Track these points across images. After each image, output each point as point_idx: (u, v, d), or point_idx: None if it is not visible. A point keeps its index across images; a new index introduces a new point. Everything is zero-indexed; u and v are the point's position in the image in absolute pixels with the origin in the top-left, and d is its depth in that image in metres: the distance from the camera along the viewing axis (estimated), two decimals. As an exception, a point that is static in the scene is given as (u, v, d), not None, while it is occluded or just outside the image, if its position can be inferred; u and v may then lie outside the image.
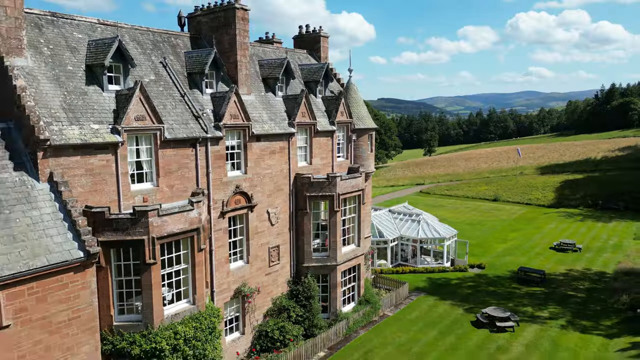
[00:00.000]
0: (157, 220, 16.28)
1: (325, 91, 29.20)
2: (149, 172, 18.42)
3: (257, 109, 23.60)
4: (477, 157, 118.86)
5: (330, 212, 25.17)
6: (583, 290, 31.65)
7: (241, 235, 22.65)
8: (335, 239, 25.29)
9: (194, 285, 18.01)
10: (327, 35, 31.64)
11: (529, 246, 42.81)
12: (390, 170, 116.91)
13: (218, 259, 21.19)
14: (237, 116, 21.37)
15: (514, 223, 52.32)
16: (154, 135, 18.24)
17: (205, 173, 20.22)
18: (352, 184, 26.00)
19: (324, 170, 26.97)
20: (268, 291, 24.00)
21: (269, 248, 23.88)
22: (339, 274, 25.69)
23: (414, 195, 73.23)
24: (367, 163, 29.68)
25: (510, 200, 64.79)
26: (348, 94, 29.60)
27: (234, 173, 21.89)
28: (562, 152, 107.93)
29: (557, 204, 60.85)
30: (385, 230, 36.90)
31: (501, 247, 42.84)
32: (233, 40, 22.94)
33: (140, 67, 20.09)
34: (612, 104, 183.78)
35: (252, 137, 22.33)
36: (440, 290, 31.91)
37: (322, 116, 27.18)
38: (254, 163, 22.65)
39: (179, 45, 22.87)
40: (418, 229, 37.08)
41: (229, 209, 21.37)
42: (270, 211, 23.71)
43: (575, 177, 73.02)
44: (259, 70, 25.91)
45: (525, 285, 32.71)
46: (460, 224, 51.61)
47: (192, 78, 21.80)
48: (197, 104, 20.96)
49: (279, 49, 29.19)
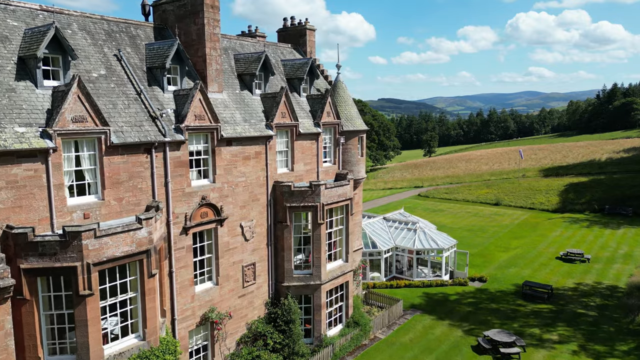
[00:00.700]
0: (93, 242, 13.51)
1: (311, 89, 26.41)
2: (92, 183, 15.64)
3: (229, 109, 20.82)
4: (478, 159, 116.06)
5: (313, 225, 22.38)
6: (594, 307, 28.85)
7: (209, 253, 19.86)
8: (319, 255, 22.49)
9: (145, 317, 15.22)
10: (314, 28, 28.85)
11: (534, 256, 40.00)
12: (388, 172, 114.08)
13: (180, 281, 18.40)
14: (203, 117, 18.57)
15: (517, 229, 49.50)
16: (98, 140, 15.45)
17: (163, 183, 17.43)
18: (338, 193, 23.21)
19: (308, 177, 24.19)
20: (242, 315, 21.20)
21: (243, 266, 21.08)
22: (323, 294, 22.89)
23: (412, 198, 70.40)
24: (357, 169, 26.90)
25: (513, 204, 61.93)
26: (336, 92, 26.82)
27: (199, 182, 19.08)
28: (564, 154, 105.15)
29: (562, 208, 57.96)
30: (379, 240, 34.10)
31: (504, 256, 40.03)
32: (201, 30, 20.15)
33: (88, 60, 17.30)
34: (614, 104, 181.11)
35: (222, 140, 19.53)
36: (437, 308, 29.09)
37: (306, 117, 24.40)
38: (224, 170, 19.86)
39: (140, 37, 20.08)
40: (414, 239, 34.27)
41: (194, 224, 18.57)
42: (244, 225, 20.92)
43: (580, 180, 70.15)
44: (235, 66, 23.14)
45: (531, 301, 29.90)
46: (459, 231, 48.86)
47: (152, 73, 19.02)
48: (156, 103, 18.18)
49: (259, 43, 26.41)
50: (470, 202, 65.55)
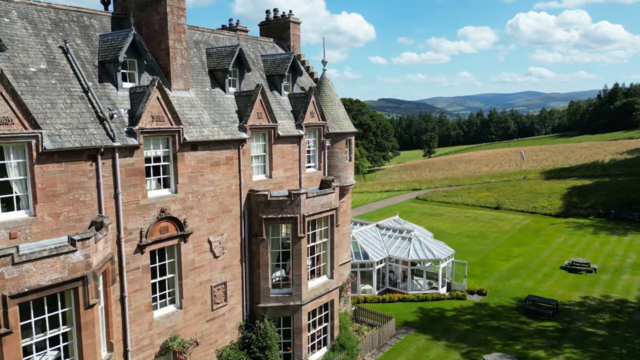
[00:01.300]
0: (10, 270, 11.16)
1: (294, 88, 24.06)
2: (22, 196, 13.28)
3: (196, 109, 18.45)
4: (478, 160, 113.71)
5: (293, 239, 20.01)
6: (603, 325, 26.47)
7: (171, 273, 17.48)
8: (299, 273, 20.12)
9: (81, 355, 12.85)
10: (299, 22, 26.48)
11: (537, 265, 37.63)
12: (386, 174, 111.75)
13: (135, 307, 16.03)
14: (162, 118, 16.21)
15: (519, 235, 47.13)
16: (28, 145, 13.09)
17: (112, 194, 15.06)
18: (322, 202, 20.84)
19: (289, 184, 21.83)
20: (211, 341, 18.83)
21: (212, 287, 18.71)
22: (304, 316, 20.52)
23: (409, 202, 68.05)
24: (345, 174, 24.54)
25: (514, 208, 59.53)
26: (321, 91, 24.47)
27: (159, 193, 16.70)
28: (566, 155, 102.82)
29: (565, 212, 55.61)
30: (371, 249, 31.72)
31: (505, 266, 37.66)
32: (164, 20, 17.80)
33: (26, 53, 14.93)
34: (615, 104, 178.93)
35: (185, 145, 17.16)
36: (433, 326, 26.72)
37: (286, 118, 22.04)
38: (189, 179, 17.48)
39: (94, 27, 17.71)
40: (409, 249, 31.89)
41: (151, 241, 16.20)
42: (213, 240, 18.54)
43: (584, 182, 67.73)
44: (206, 61, 20.78)
45: (534, 318, 27.52)
46: (458, 237, 46.54)
47: (105, 68, 16.65)
48: (107, 102, 15.81)
49: (236, 37, 24.05)
50: (469, 205, 63.18)
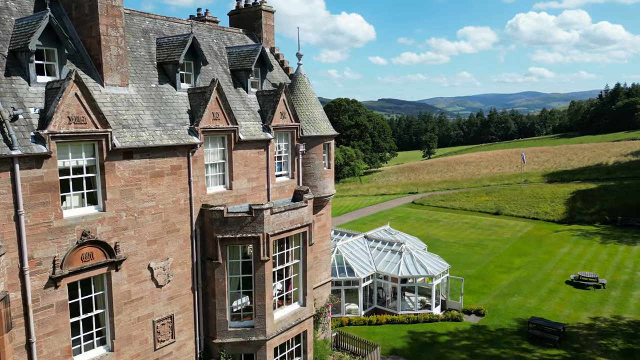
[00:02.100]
0: None
1: (263, 84, 21.00)
2: None
3: (134, 109, 15.37)
4: (477, 161, 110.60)
5: (255, 263, 16.94)
6: (617, 354, 23.40)
7: (100, 308, 14.41)
8: (262, 303, 17.05)
9: None
10: (272, 10, 23.40)
11: (540, 279, 34.53)
12: (383, 176, 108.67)
13: (49, 353, 12.95)
14: (83, 119, 13.14)
15: (520, 244, 44.04)
16: None
17: (11, 216, 12.00)
18: (291, 218, 17.77)
19: (254, 196, 18.76)
20: (154, 387, 15.77)
21: (155, 322, 15.63)
22: (270, 352, 17.44)
23: (405, 206, 64.94)
24: (322, 183, 21.48)
25: (514, 214, 56.44)
26: (295, 88, 21.42)
27: (80, 211, 13.62)
28: (569, 157, 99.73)
29: (569, 219, 52.49)
30: (358, 264, 28.65)
31: (505, 279, 34.59)
32: (94, 2, 14.74)
33: None
34: (617, 104, 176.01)
35: (116, 152, 14.08)
36: (424, 354, 23.64)
37: (252, 119, 18.98)
38: (121, 193, 14.40)
39: (10, 10, 14.63)
40: (399, 264, 28.80)
41: (69, 271, 13.11)
42: (155, 266, 15.47)
43: (588, 186, 64.60)
44: (155, 52, 17.72)
45: (539, 344, 24.44)
46: (455, 246, 43.51)
47: (17, 59, 13.59)
48: (14, 99, 12.74)
49: (197, 26, 20.97)
50: (468, 210, 60.06)
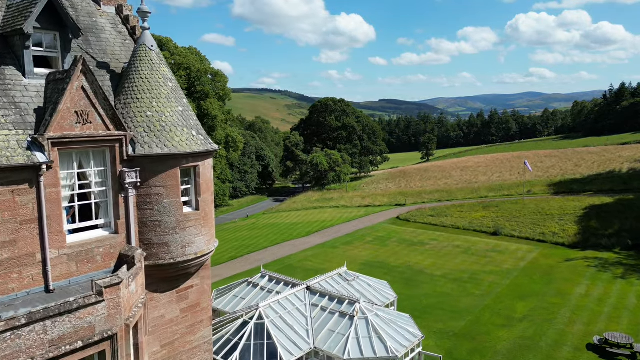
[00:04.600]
0: None
1: (64, 63, 11.78)
2: None
3: None
4: (475, 167, 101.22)
5: None
6: None
7: None
8: None
9: None
10: (117, -56, 14.20)
11: (553, 341, 25.28)
12: (372, 183, 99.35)
13: None
14: None
15: (524, 279, 34.83)
16: None
17: None
18: (56, 334, 8.54)
19: (8, 277, 9.56)
20: None
21: None
22: None
23: (389, 223, 55.77)
24: (181, 238, 12.25)
25: (516, 234, 47.17)
26: (133, 69, 12.22)
27: None
28: (576, 162, 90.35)
29: (583, 242, 43.23)
30: (286, 339, 19.45)
31: (505, 339, 25.40)
32: None
33: None
34: (622, 104, 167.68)
35: None
36: None
37: (11, 124, 9.81)
38: None
39: None
40: (348, 336, 19.56)
41: None
42: None
43: (603, 200, 55.20)
44: None
45: None
46: (442, 282, 34.40)
47: None
48: None
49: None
50: (461, 229, 50.84)
